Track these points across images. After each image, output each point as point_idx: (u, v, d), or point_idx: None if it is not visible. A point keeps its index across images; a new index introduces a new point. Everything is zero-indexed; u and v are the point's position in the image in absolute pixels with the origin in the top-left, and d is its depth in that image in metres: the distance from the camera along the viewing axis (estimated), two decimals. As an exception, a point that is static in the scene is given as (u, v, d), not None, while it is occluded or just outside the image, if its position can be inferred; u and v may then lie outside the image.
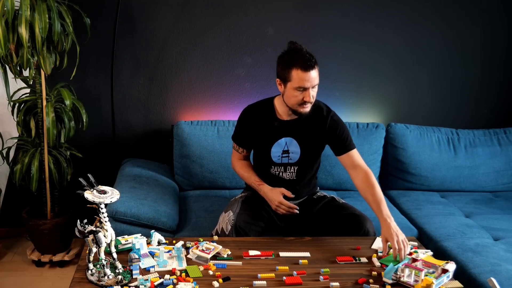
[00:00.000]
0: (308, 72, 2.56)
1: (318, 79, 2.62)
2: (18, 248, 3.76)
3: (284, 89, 2.68)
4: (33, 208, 3.55)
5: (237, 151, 2.98)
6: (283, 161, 2.87)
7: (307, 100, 2.62)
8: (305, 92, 2.61)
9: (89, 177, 2.19)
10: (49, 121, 3.21)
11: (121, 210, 2.91)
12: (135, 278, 2.17)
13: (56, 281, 3.36)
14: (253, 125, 2.88)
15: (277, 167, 2.88)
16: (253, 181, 2.89)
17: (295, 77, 2.59)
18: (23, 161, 3.31)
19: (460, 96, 4.01)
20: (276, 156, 2.86)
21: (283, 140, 2.84)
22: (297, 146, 2.84)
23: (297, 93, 2.62)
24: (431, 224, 3.22)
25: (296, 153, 2.85)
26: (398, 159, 3.74)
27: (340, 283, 2.24)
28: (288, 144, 2.84)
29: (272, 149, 2.85)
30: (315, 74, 2.59)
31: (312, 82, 2.59)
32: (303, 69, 2.56)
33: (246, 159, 3.02)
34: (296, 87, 2.60)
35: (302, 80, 2.58)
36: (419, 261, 2.33)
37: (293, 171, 2.88)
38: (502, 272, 2.61)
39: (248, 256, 2.44)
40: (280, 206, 2.75)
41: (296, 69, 2.58)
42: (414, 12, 3.77)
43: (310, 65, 2.56)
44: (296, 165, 2.88)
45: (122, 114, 3.78)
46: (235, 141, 2.98)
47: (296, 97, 2.64)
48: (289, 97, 2.67)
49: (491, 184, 3.81)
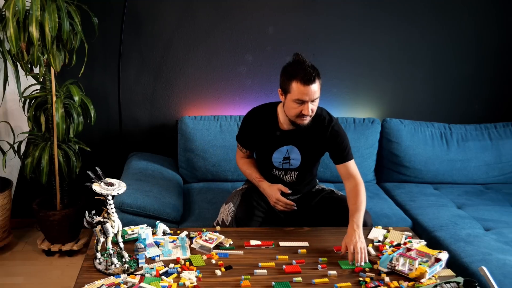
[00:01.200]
0: (307, 86, 2.48)
1: (318, 93, 2.53)
2: (29, 238, 3.76)
3: (284, 99, 2.62)
4: (43, 199, 3.55)
5: (241, 150, 2.96)
6: (284, 167, 2.84)
7: (305, 113, 2.54)
8: (303, 105, 2.53)
9: (97, 170, 2.19)
10: (58, 116, 3.21)
11: (128, 201, 2.91)
12: (141, 267, 2.17)
13: (65, 270, 3.37)
14: (256, 130, 2.83)
15: (278, 170, 2.86)
16: (254, 178, 2.87)
17: (294, 89, 2.50)
18: (34, 154, 3.30)
19: (452, 93, 4.00)
20: (277, 162, 2.83)
21: (284, 148, 2.79)
22: (298, 153, 2.80)
23: (295, 105, 2.54)
24: (425, 215, 3.22)
25: (297, 159, 2.82)
26: (393, 153, 3.73)
27: (338, 271, 2.24)
28: (289, 151, 2.80)
29: (273, 155, 2.82)
30: (315, 88, 2.50)
31: (311, 96, 2.51)
32: (302, 83, 2.48)
33: (249, 158, 3.00)
34: (295, 99, 2.52)
35: (301, 93, 2.49)
36: (413, 250, 2.33)
37: (293, 175, 2.86)
38: (492, 261, 2.61)
39: (249, 245, 2.45)
40: (277, 202, 2.74)
41: (296, 82, 2.49)
42: (409, 12, 3.76)
43: (310, 79, 2.47)
44: (297, 171, 2.85)
45: (128, 110, 3.78)
46: (239, 142, 2.95)
47: (294, 109, 2.56)
48: (289, 108, 2.60)
49: (482, 176, 3.80)
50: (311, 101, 2.53)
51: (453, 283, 1.98)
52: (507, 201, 3.50)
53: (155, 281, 2.02)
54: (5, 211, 3.47)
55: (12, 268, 3.36)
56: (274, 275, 2.20)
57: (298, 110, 2.56)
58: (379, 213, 3.18)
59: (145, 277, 2.08)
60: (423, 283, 2.14)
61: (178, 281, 2.08)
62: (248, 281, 2.12)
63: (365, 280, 2.17)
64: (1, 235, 3.50)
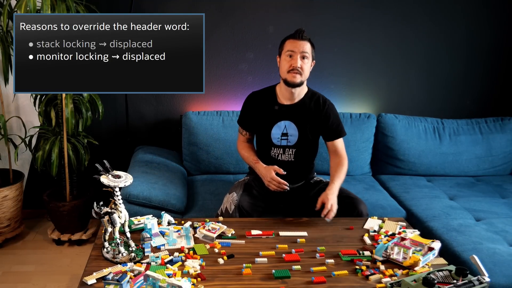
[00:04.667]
0: (297, 40, 2.69)
1: (309, 51, 2.73)
2: (39, 228, 3.77)
3: (280, 61, 2.79)
4: (53, 191, 3.55)
5: (241, 133, 3.01)
6: (282, 143, 2.87)
7: (294, 65, 2.69)
8: (293, 59, 2.70)
9: (105, 163, 2.18)
10: (68, 111, 3.20)
11: (134, 193, 2.91)
12: (147, 256, 2.17)
13: (75, 258, 3.37)
14: (256, 108, 2.91)
15: (277, 148, 2.88)
16: (251, 160, 2.91)
17: (286, 46, 2.72)
18: (44, 148, 3.30)
19: (444, 88, 3.99)
20: (276, 138, 2.86)
21: (282, 123, 2.85)
22: (295, 129, 2.85)
23: (287, 59, 2.72)
24: (418, 206, 3.22)
25: (294, 135, 2.85)
26: (388, 147, 3.73)
27: (335, 260, 2.24)
28: (287, 127, 2.85)
29: (272, 131, 2.86)
30: (305, 44, 2.70)
31: (300, 48, 2.69)
32: (292, 38, 2.71)
33: (249, 142, 3.03)
34: (286, 52, 2.72)
35: (292, 45, 2.70)
36: (407, 240, 2.32)
37: (291, 153, 2.88)
38: (483, 250, 2.61)
39: (250, 235, 2.44)
40: (271, 181, 2.76)
41: (288, 39, 2.74)
42: (403, 11, 3.75)
43: (299, 35, 2.69)
44: (294, 148, 2.87)
45: (135, 105, 3.77)
46: (240, 124, 3.01)
47: (286, 64, 2.73)
48: (281, 67, 2.77)
49: (473, 169, 3.80)
50: (301, 57, 2.70)
51: (445, 271, 1.97)
52: (497, 193, 3.50)
53: (160, 269, 2.02)
54: (17, 202, 3.47)
55: (24, 257, 3.36)
56: (274, 263, 2.20)
57: (288, 64, 2.72)
58: (375, 204, 3.18)
59: (151, 265, 2.08)
60: (417, 271, 2.14)
61: (182, 269, 2.08)
62: (249, 269, 2.12)
63: (361, 268, 2.17)
64: (13, 225, 3.50)
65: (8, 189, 3.36)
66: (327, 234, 2.50)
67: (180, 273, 2.04)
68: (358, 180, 3.62)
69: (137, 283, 1.95)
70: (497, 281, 2.39)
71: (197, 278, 2.02)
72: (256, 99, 2.93)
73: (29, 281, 3.08)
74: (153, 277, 1.88)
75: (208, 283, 2.00)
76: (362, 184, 3.54)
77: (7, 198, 3.36)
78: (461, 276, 1.91)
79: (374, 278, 2.09)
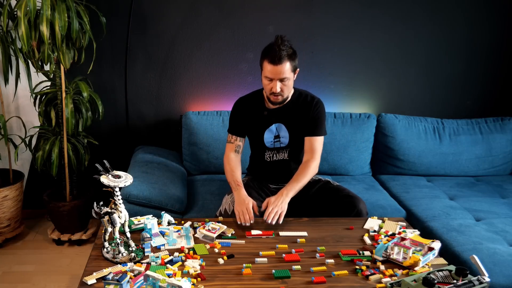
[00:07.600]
0: (274, 65, 2.57)
1: (288, 73, 2.61)
2: (39, 228, 3.77)
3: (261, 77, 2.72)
4: (53, 191, 3.55)
5: (230, 141, 2.92)
6: (275, 146, 2.87)
7: (273, 90, 2.65)
8: (272, 83, 2.64)
9: (105, 163, 2.18)
10: (68, 111, 3.20)
11: (134, 193, 2.91)
12: (147, 255, 2.16)
13: (75, 258, 3.36)
14: (245, 114, 2.89)
15: (270, 151, 2.88)
16: (234, 182, 2.76)
17: (265, 67, 2.63)
18: (44, 148, 3.30)
19: (444, 89, 3.99)
20: (269, 142, 2.87)
21: (273, 126, 2.85)
22: (285, 130, 2.84)
23: (267, 81, 2.67)
24: (418, 206, 3.22)
25: (286, 137, 2.85)
26: (388, 147, 3.72)
27: (335, 260, 2.23)
28: (278, 129, 2.85)
29: (264, 136, 2.86)
30: (282, 69, 2.58)
31: (278, 75, 2.60)
32: (270, 62, 2.59)
33: (238, 153, 2.91)
34: (265, 76, 2.65)
35: (269, 72, 2.61)
36: (407, 240, 2.32)
37: (285, 152, 2.89)
38: (483, 250, 2.60)
39: (250, 235, 2.44)
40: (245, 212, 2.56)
41: (266, 61, 2.61)
42: (403, 12, 3.75)
43: (276, 60, 2.56)
44: (288, 148, 2.88)
45: (135, 105, 3.77)
46: (229, 131, 2.94)
47: (266, 86, 2.70)
48: (263, 85, 2.73)
49: (473, 169, 3.80)
50: (280, 80, 2.63)
51: (446, 271, 1.97)
52: (497, 193, 3.50)
53: (160, 269, 2.02)
54: (17, 202, 3.47)
55: (24, 257, 3.36)
56: (274, 263, 2.19)
57: (269, 87, 2.68)
58: (375, 204, 3.18)
59: (151, 265, 2.07)
60: (417, 271, 2.13)
61: (182, 269, 2.07)
62: (249, 269, 2.11)
63: (361, 268, 2.16)
64: (13, 225, 3.50)
65: (8, 189, 3.36)
66: (327, 234, 2.50)
67: (180, 273, 2.03)
68: (358, 180, 3.62)
69: (137, 283, 1.95)
70: (497, 281, 2.39)
71: (197, 278, 2.02)
72: (244, 104, 2.91)
73: (29, 281, 3.08)
74: (153, 277, 1.88)
75: (208, 283, 2.00)
76: (362, 184, 3.54)
77: (7, 198, 3.36)
78: (461, 276, 1.91)
79: (374, 278, 2.08)
